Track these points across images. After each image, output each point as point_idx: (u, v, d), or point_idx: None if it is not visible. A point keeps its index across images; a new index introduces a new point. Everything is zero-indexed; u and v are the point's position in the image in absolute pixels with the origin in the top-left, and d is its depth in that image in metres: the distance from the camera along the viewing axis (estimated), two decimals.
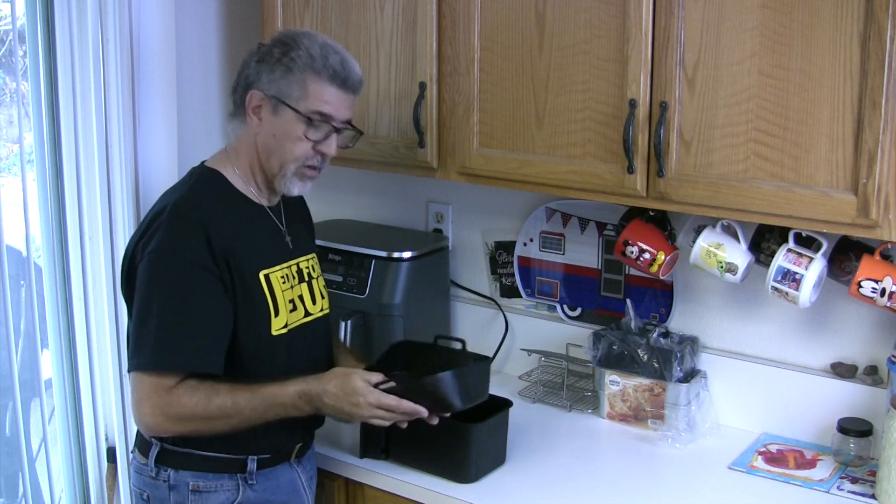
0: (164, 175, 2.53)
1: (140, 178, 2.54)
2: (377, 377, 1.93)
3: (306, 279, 2.08)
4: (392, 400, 1.90)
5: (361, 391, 1.90)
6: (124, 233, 2.49)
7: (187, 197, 1.94)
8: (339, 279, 2.56)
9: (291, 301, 2.02)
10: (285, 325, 1.99)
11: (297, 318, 2.03)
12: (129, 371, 1.91)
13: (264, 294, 1.95)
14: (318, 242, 2.63)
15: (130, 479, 2.08)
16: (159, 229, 1.88)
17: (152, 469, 1.98)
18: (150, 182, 2.53)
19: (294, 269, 2.05)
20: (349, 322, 2.46)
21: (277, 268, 2.00)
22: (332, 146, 1.98)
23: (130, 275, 1.93)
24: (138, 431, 2.03)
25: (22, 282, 2.57)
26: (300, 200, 2.20)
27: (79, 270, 2.48)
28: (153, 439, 1.98)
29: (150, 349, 1.85)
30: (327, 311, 2.14)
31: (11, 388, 2.45)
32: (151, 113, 2.53)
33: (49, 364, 2.56)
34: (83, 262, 2.48)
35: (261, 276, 1.96)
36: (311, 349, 2.07)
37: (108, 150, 2.47)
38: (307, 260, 2.11)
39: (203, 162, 2.06)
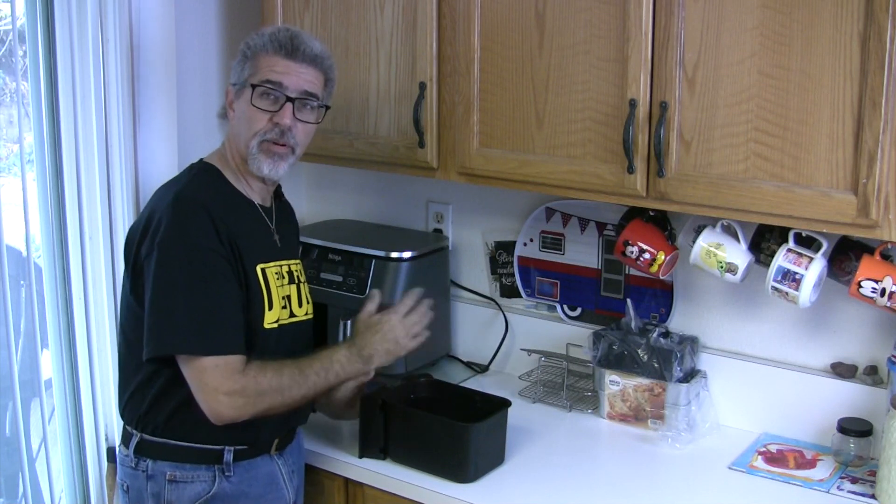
0: (164, 175, 2.51)
1: (140, 178, 2.54)
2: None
3: (296, 282, 2.13)
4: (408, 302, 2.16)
5: (384, 320, 2.12)
6: (124, 233, 2.47)
7: (188, 188, 2.01)
8: (339, 279, 2.56)
9: (283, 298, 2.07)
10: (276, 321, 2.04)
11: (286, 317, 2.08)
12: (180, 353, 1.90)
13: (261, 286, 2.01)
14: (317, 242, 2.66)
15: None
16: (164, 219, 1.92)
17: (132, 459, 2.02)
18: (150, 182, 2.52)
19: (285, 268, 2.10)
20: (349, 322, 2.45)
21: (271, 263, 2.06)
22: (285, 116, 2.01)
23: (136, 268, 1.96)
24: (124, 423, 2.07)
25: (22, 282, 2.57)
26: (290, 209, 2.27)
27: (79, 270, 2.48)
28: (133, 430, 2.02)
29: (197, 334, 1.88)
30: (311, 316, 2.19)
31: (11, 388, 2.45)
32: (151, 113, 2.53)
33: (49, 364, 2.55)
34: (83, 262, 2.47)
35: (258, 268, 2.02)
36: (295, 352, 2.08)
37: (108, 150, 2.47)
38: (296, 264, 2.16)
39: (201, 159, 2.12)
